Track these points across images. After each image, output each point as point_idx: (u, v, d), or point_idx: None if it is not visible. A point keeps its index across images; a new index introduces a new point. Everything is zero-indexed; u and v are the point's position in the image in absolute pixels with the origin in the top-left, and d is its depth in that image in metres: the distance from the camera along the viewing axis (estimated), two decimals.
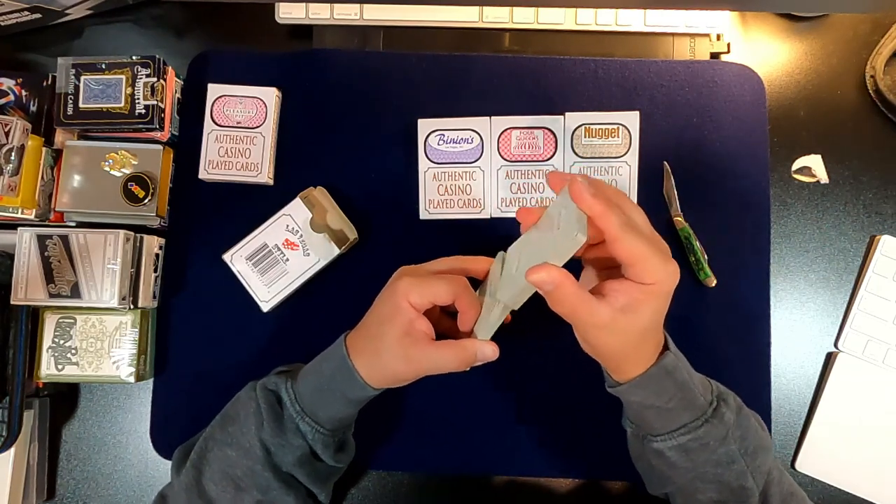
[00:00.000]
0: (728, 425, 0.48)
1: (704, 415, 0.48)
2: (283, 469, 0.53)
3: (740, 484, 0.48)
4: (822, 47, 0.70)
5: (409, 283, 0.50)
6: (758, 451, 0.49)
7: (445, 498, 0.66)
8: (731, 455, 0.48)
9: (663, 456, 0.49)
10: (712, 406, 0.49)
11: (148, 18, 0.72)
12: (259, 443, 0.52)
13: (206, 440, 0.54)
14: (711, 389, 0.50)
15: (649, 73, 0.68)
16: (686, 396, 0.48)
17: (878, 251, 0.66)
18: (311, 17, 0.69)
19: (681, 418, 0.48)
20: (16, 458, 0.62)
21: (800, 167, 0.68)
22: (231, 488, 0.52)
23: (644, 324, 0.45)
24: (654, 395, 0.48)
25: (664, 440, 0.49)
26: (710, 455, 0.48)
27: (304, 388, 0.53)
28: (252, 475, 0.52)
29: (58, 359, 0.63)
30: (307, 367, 0.55)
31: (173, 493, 0.54)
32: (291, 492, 0.53)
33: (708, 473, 0.49)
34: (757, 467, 0.49)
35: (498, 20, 0.69)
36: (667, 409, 0.48)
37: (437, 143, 0.66)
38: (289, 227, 0.65)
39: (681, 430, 0.48)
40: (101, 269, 0.61)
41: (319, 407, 0.52)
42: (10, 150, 0.59)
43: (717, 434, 0.48)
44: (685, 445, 0.48)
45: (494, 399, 0.65)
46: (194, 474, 0.53)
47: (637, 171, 0.65)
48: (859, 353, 0.65)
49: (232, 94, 0.67)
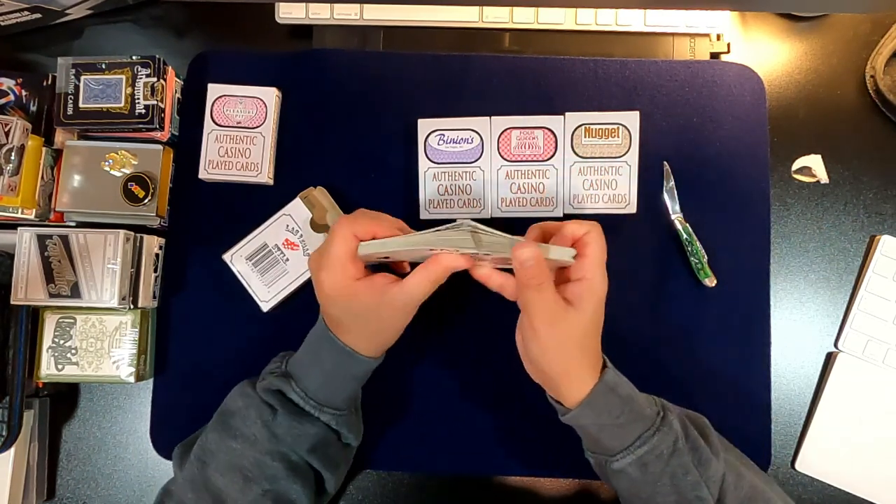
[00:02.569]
0: (676, 431, 0.50)
1: (654, 424, 0.50)
2: (293, 458, 0.53)
3: (696, 494, 0.50)
4: (822, 47, 0.70)
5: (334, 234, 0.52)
6: (710, 461, 0.51)
7: (445, 498, 0.66)
8: (685, 466, 0.50)
9: (625, 474, 0.51)
10: (659, 415, 0.51)
11: (148, 18, 0.72)
12: (267, 433, 0.53)
13: (207, 435, 0.55)
14: (654, 401, 0.53)
15: (649, 73, 0.68)
16: (633, 409, 0.50)
17: (878, 251, 0.66)
18: (311, 17, 0.69)
19: (633, 431, 0.50)
20: (16, 458, 0.62)
21: (800, 167, 0.68)
22: (239, 479, 0.52)
23: (583, 324, 0.50)
24: (605, 412, 0.50)
25: (623, 457, 0.50)
26: (665, 467, 0.50)
27: (312, 384, 0.54)
28: (259, 466, 0.53)
29: (58, 359, 0.63)
30: (300, 360, 0.56)
31: (177, 486, 0.54)
32: (298, 479, 0.53)
33: (666, 486, 0.50)
34: (709, 477, 0.50)
35: (498, 20, 0.69)
36: (619, 425, 0.50)
37: (437, 143, 0.66)
38: (289, 227, 0.65)
39: (636, 442, 0.50)
40: (101, 269, 0.61)
41: (334, 395, 0.54)
42: (10, 150, 0.59)
43: (668, 441, 0.50)
44: (642, 458, 0.50)
45: (494, 399, 0.65)
46: (199, 467, 0.53)
47: (637, 171, 0.65)
48: (859, 353, 0.65)
49: (232, 94, 0.67)
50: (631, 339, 0.55)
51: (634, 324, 0.65)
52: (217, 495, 0.53)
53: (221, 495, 0.52)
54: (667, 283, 0.65)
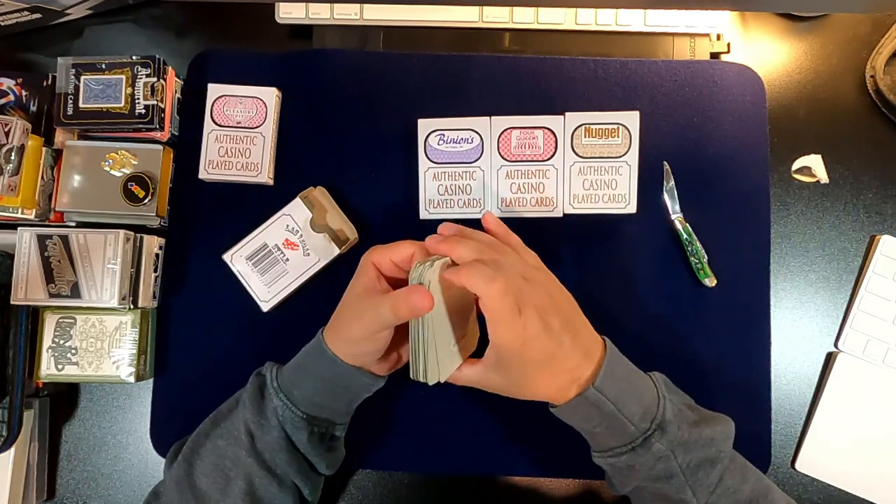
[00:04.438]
0: (657, 455, 0.49)
1: (632, 443, 0.50)
2: (266, 456, 0.53)
3: (680, 497, 0.50)
4: (822, 47, 0.70)
5: (373, 247, 0.53)
6: (702, 465, 0.50)
7: (445, 498, 0.66)
8: (669, 470, 0.50)
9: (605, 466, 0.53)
10: (644, 435, 0.49)
11: (148, 18, 0.72)
12: (244, 427, 0.53)
13: (198, 435, 0.55)
14: (654, 418, 0.50)
15: (649, 73, 0.68)
16: (613, 425, 0.50)
17: (878, 251, 0.66)
18: (311, 17, 0.69)
19: (608, 443, 0.51)
20: (16, 458, 0.62)
21: (800, 167, 0.68)
22: (221, 479, 0.53)
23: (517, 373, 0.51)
24: (583, 420, 0.52)
25: (598, 457, 0.53)
26: (646, 472, 0.50)
27: (286, 368, 0.55)
28: (238, 463, 0.53)
29: (58, 359, 0.63)
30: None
31: (165, 488, 0.55)
32: (275, 481, 0.53)
33: (648, 486, 0.51)
34: (698, 480, 0.50)
35: (498, 20, 0.69)
36: (595, 433, 0.52)
37: (437, 143, 0.66)
38: (289, 227, 0.65)
39: (608, 452, 0.51)
40: (101, 269, 0.61)
41: (295, 385, 0.54)
42: (10, 150, 0.59)
43: (644, 461, 0.50)
44: (615, 465, 0.51)
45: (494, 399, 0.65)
46: (185, 468, 0.53)
47: (637, 171, 0.65)
48: (859, 353, 0.65)
49: (232, 94, 0.67)
50: (630, 338, 0.55)
51: (634, 324, 0.65)
52: (200, 497, 0.53)
53: (204, 497, 0.52)
54: (667, 283, 0.65)
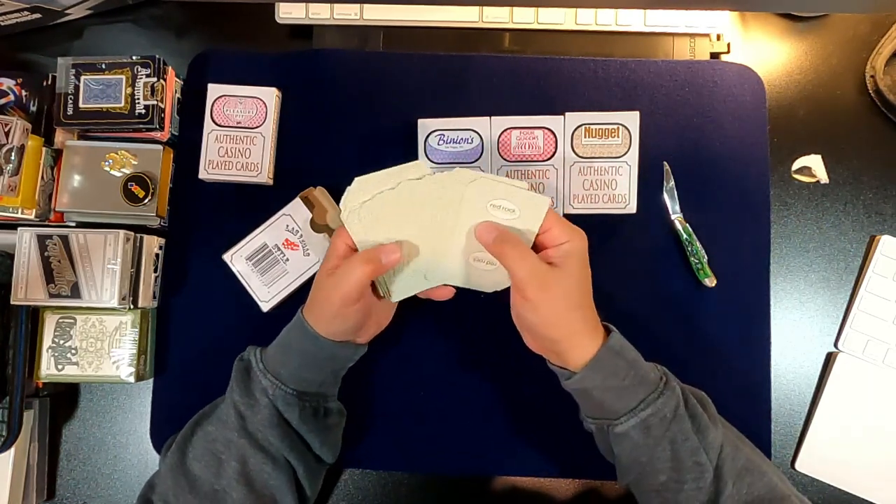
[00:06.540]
0: (678, 396, 0.51)
1: (658, 388, 0.51)
2: (258, 435, 0.54)
3: (695, 460, 0.50)
4: (822, 47, 0.70)
5: (340, 227, 0.56)
6: (708, 428, 0.51)
7: (445, 498, 0.66)
8: (685, 432, 0.50)
9: (627, 437, 0.51)
10: (662, 380, 0.52)
11: (148, 18, 0.72)
12: (234, 410, 0.54)
13: (189, 425, 0.56)
14: (656, 367, 0.54)
15: (649, 73, 0.68)
16: (639, 373, 0.51)
17: (878, 251, 0.66)
18: (311, 17, 0.69)
19: (638, 394, 0.51)
20: (16, 458, 0.62)
21: (800, 167, 0.68)
22: (213, 462, 0.53)
23: (573, 283, 0.51)
24: (611, 374, 0.51)
25: (627, 419, 0.51)
26: (666, 431, 0.50)
27: (270, 349, 0.56)
28: (229, 445, 0.53)
29: (58, 359, 0.63)
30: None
31: (159, 477, 0.55)
32: (269, 460, 0.53)
33: (666, 451, 0.51)
34: (709, 444, 0.51)
35: (498, 20, 0.69)
36: (624, 387, 0.51)
37: (437, 143, 0.66)
38: (289, 227, 0.65)
39: (641, 405, 0.50)
40: (101, 269, 0.61)
41: (281, 364, 0.55)
42: (10, 150, 0.59)
43: (671, 404, 0.51)
44: (646, 421, 0.50)
45: (494, 399, 0.65)
46: (178, 456, 0.54)
47: (637, 171, 0.65)
48: (859, 353, 0.65)
49: (232, 94, 0.67)
50: (630, 338, 0.55)
51: (634, 323, 0.64)
52: (194, 482, 0.53)
53: (198, 482, 0.53)
54: (667, 283, 0.65)
